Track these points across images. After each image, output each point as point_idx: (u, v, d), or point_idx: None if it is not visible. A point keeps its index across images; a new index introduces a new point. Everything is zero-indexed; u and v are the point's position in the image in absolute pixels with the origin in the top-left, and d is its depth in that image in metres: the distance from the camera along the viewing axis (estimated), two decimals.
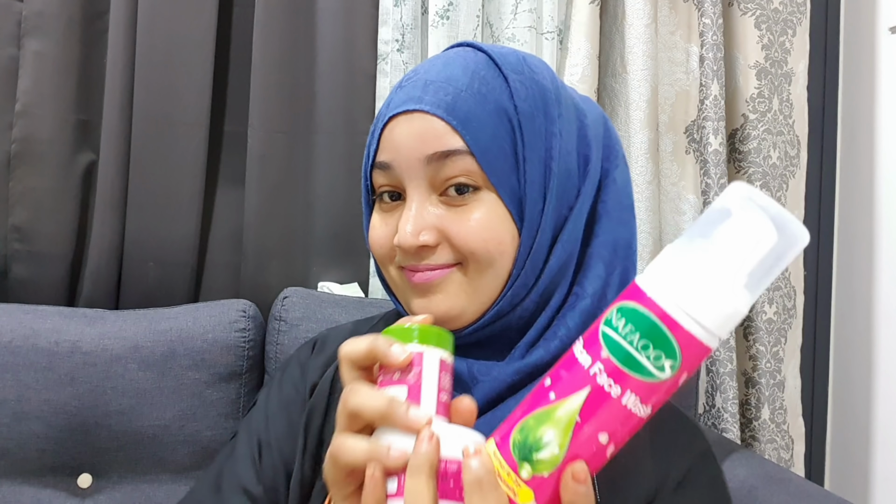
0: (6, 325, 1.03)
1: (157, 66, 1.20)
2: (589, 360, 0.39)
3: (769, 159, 1.33)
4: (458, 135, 0.55)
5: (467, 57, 0.59)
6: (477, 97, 0.57)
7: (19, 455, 1.01)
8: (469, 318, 0.58)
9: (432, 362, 0.45)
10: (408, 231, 0.55)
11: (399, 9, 1.24)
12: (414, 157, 0.56)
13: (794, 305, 1.35)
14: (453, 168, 0.55)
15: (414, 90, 0.58)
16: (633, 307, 0.39)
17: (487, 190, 0.56)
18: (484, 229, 0.56)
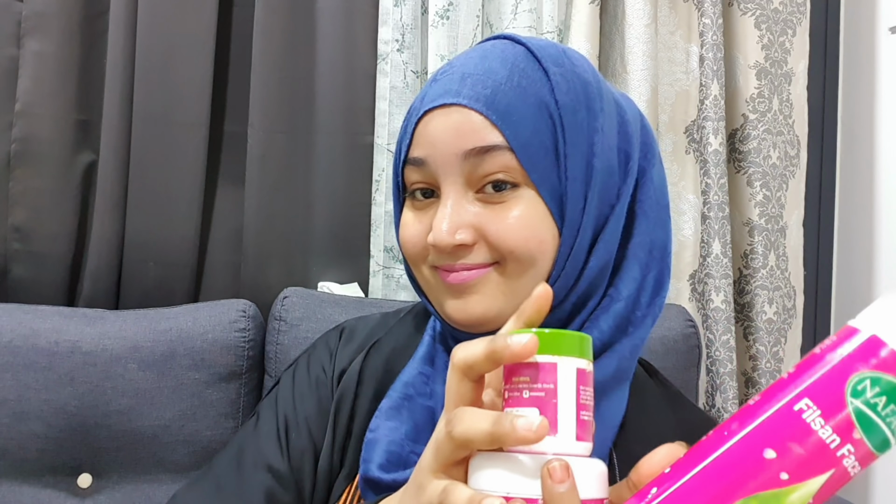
0: (6, 325, 1.03)
1: (157, 66, 1.20)
2: (836, 439, 0.34)
3: (769, 159, 1.33)
4: (497, 130, 0.53)
5: (506, 49, 0.57)
6: (517, 90, 0.54)
7: (19, 455, 1.01)
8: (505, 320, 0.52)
9: (568, 374, 0.38)
10: (444, 229, 0.53)
11: (399, 9, 1.24)
12: (450, 153, 0.54)
13: (794, 305, 1.35)
14: (492, 164, 0.53)
15: (451, 83, 0.55)
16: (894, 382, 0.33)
17: (527, 187, 0.54)
18: (524, 227, 0.53)
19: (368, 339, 0.68)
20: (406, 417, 0.58)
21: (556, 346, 0.39)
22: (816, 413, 0.34)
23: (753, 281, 1.33)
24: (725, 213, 1.29)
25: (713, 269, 1.27)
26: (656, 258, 0.58)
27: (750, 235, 1.33)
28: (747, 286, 1.34)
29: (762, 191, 1.33)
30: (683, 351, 1.15)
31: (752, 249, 1.33)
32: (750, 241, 1.33)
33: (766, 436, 0.35)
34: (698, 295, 1.32)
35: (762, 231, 1.32)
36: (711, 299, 1.27)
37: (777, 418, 0.35)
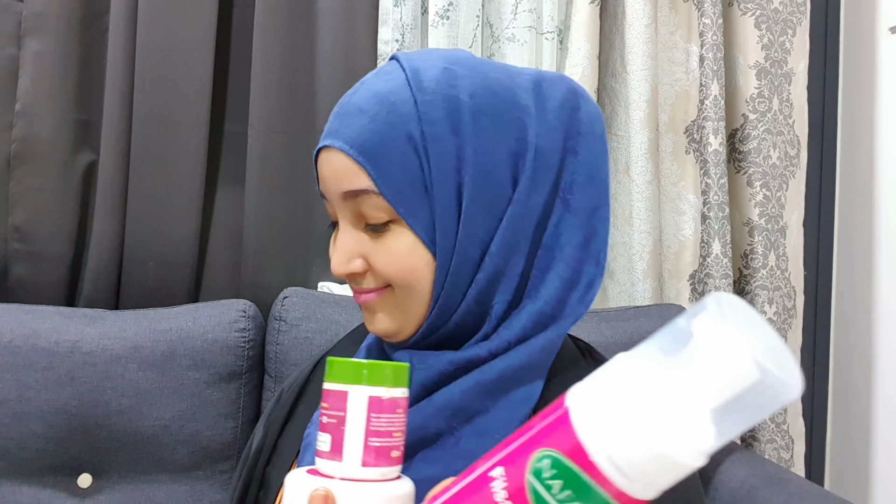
0: (6, 325, 1.03)
1: (157, 66, 1.19)
2: None
3: (769, 159, 1.33)
4: (364, 173, 0.56)
5: (387, 78, 0.59)
6: (385, 127, 0.56)
7: (19, 455, 1.01)
8: (408, 333, 0.60)
9: (358, 403, 0.42)
10: (336, 260, 0.59)
11: (399, 9, 1.24)
12: (335, 193, 0.58)
13: (794, 305, 1.35)
14: (365, 205, 0.57)
15: (333, 122, 0.60)
16: (569, 467, 0.32)
17: (399, 222, 0.57)
18: (397, 261, 0.57)
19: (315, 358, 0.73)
20: None
21: (348, 376, 0.42)
22: (503, 485, 0.33)
23: (753, 281, 1.33)
24: (725, 213, 1.29)
25: (713, 269, 1.27)
26: (588, 259, 0.59)
27: (750, 235, 1.33)
28: (747, 286, 1.34)
29: (762, 191, 1.33)
30: None
31: (752, 249, 1.33)
32: (750, 241, 1.33)
33: (463, 497, 0.35)
34: (698, 295, 1.32)
35: (762, 231, 1.32)
36: None
37: (476, 482, 0.35)
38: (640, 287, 1.28)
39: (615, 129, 1.34)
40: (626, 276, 1.30)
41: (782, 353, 0.30)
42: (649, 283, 1.28)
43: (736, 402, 0.30)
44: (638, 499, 0.32)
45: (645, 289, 1.28)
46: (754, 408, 0.30)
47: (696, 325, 0.31)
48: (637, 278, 1.28)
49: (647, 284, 1.28)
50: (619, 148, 1.32)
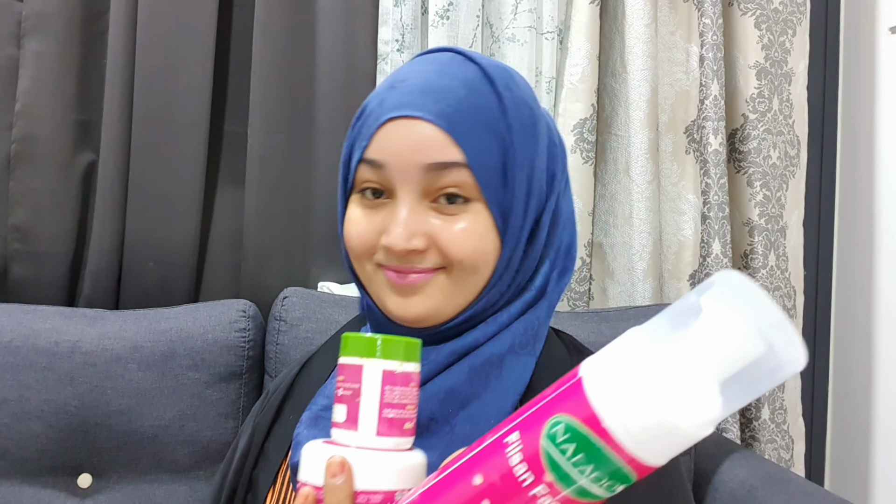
0: (6, 325, 1.03)
1: (157, 66, 1.19)
2: (530, 477, 0.34)
3: (769, 159, 1.33)
4: (457, 147, 0.57)
5: (461, 66, 0.61)
6: (475, 111, 0.58)
7: (19, 455, 1.01)
8: (442, 318, 0.60)
9: (373, 376, 0.43)
10: (399, 234, 0.56)
11: (399, 9, 1.24)
12: (411, 163, 0.57)
13: (794, 305, 1.35)
14: (449, 179, 0.57)
15: (412, 95, 0.58)
16: (583, 432, 0.33)
17: (477, 202, 0.58)
18: (473, 239, 0.58)
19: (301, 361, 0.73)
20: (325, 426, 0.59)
21: (363, 350, 0.44)
22: (518, 448, 0.35)
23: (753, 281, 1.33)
24: (725, 213, 1.29)
25: (713, 270, 1.27)
26: (562, 256, 0.65)
27: (750, 235, 1.33)
28: None
29: (762, 191, 1.33)
30: None
31: (752, 249, 1.33)
32: (750, 241, 1.33)
33: (480, 460, 0.36)
34: None
35: (762, 231, 1.32)
36: None
37: (492, 444, 0.36)
38: (640, 287, 1.28)
39: (615, 129, 1.34)
40: (626, 276, 1.30)
41: (787, 328, 0.32)
42: (649, 284, 1.28)
43: (742, 375, 0.32)
44: (648, 464, 0.33)
45: (645, 289, 1.28)
46: (760, 380, 0.32)
47: (705, 301, 0.32)
48: (637, 278, 1.28)
49: (647, 284, 1.28)
50: (619, 148, 1.32)
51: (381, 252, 0.59)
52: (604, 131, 1.35)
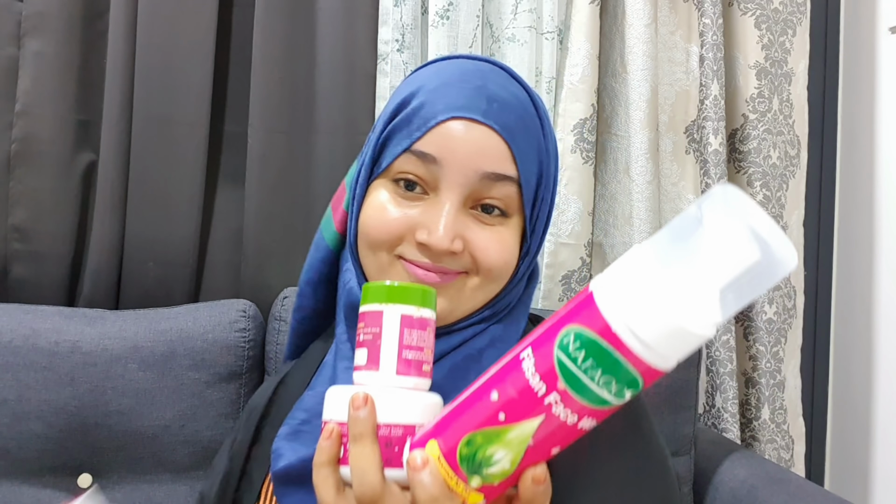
0: (6, 325, 1.03)
1: (157, 66, 1.19)
2: (543, 387, 0.37)
3: (769, 159, 1.33)
4: (513, 163, 0.57)
5: (511, 83, 0.61)
6: (529, 130, 0.59)
7: (19, 455, 1.01)
8: (450, 321, 0.61)
9: (392, 320, 0.46)
10: (444, 235, 0.56)
11: (399, 9, 1.24)
12: (470, 168, 0.57)
13: (794, 305, 1.35)
14: (498, 191, 0.58)
15: (477, 99, 0.58)
16: (593, 339, 0.35)
17: (513, 217, 0.59)
18: (505, 251, 0.59)
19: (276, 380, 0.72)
20: (308, 441, 0.60)
21: (383, 297, 0.46)
22: (531, 361, 0.38)
23: None
24: None
25: None
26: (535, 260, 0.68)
27: None
28: None
29: (762, 191, 1.33)
30: None
31: None
32: None
33: (496, 379, 0.39)
34: None
35: None
36: None
37: (508, 363, 0.39)
38: None
39: (615, 129, 1.34)
40: None
41: (779, 235, 0.34)
42: None
43: (741, 279, 0.34)
44: (656, 368, 0.35)
45: None
46: (757, 283, 0.34)
47: (705, 213, 0.34)
48: None
49: None
50: (619, 148, 1.32)
51: (410, 246, 0.58)
52: (604, 131, 1.35)
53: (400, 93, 0.63)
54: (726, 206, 0.34)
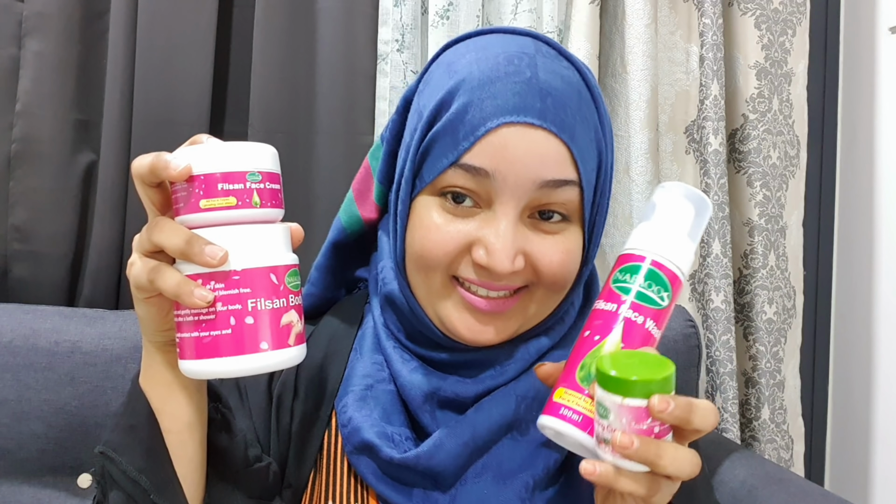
0: (6, 325, 1.03)
1: (157, 66, 1.19)
2: (614, 306, 0.48)
3: (769, 159, 1.33)
4: (574, 165, 0.52)
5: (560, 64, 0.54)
6: (587, 122, 0.53)
7: (19, 455, 1.01)
8: (507, 337, 0.58)
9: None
10: (505, 257, 0.51)
11: (399, 9, 1.24)
12: (527, 177, 0.51)
13: (794, 305, 1.35)
14: (559, 197, 0.52)
15: (530, 97, 0.51)
16: (633, 264, 0.49)
17: (575, 221, 0.55)
18: (571, 261, 0.55)
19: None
20: (373, 405, 0.60)
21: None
22: (601, 302, 0.49)
23: (753, 281, 1.33)
24: (725, 213, 1.29)
25: (713, 269, 1.27)
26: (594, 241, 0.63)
27: (750, 235, 1.33)
28: (747, 286, 1.34)
29: (762, 191, 1.33)
30: (683, 351, 1.15)
31: (752, 249, 1.33)
32: (750, 241, 1.33)
33: (587, 325, 0.49)
34: (698, 295, 1.32)
35: (762, 231, 1.32)
36: (711, 299, 1.27)
37: (591, 315, 0.50)
38: None
39: (615, 129, 1.34)
40: None
41: (700, 195, 0.51)
42: None
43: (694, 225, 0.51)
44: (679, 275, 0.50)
45: None
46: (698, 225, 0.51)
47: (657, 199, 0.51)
48: None
49: None
50: (619, 148, 1.32)
51: (467, 266, 0.54)
52: None
53: (437, 84, 0.55)
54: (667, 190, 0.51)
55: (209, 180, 0.46)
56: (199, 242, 0.45)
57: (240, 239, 0.46)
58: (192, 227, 0.47)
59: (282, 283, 0.47)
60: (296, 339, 0.48)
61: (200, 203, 0.46)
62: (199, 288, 0.45)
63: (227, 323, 0.45)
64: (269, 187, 0.48)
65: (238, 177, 0.47)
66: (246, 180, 0.47)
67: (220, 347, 0.45)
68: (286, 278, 0.48)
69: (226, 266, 0.45)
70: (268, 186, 0.48)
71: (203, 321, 0.45)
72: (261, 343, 0.46)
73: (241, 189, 0.46)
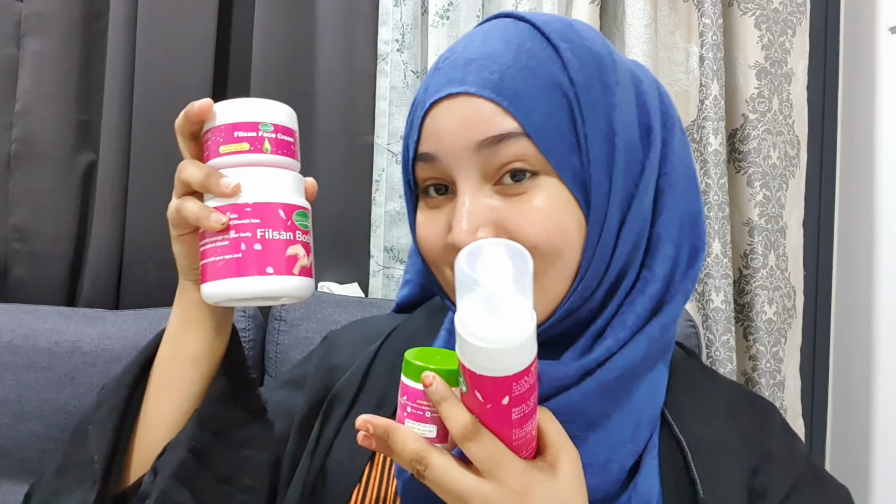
0: (6, 325, 1.03)
1: (157, 66, 1.19)
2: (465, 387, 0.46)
3: (769, 159, 1.33)
4: (509, 115, 0.50)
5: (508, 28, 0.53)
6: (525, 72, 0.51)
7: (19, 455, 1.01)
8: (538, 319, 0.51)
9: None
10: (463, 228, 0.50)
11: (399, 9, 1.24)
12: (462, 146, 0.51)
13: (794, 305, 1.35)
14: (507, 153, 0.50)
15: (454, 71, 0.52)
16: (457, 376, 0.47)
17: (547, 174, 0.51)
18: (546, 218, 0.50)
19: (368, 342, 0.67)
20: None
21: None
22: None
23: (753, 281, 1.32)
24: (725, 213, 1.29)
25: (713, 269, 1.27)
26: (687, 232, 0.56)
27: (750, 235, 1.33)
28: (747, 286, 1.34)
29: (762, 191, 1.33)
30: None
31: (752, 249, 1.33)
32: (750, 241, 1.33)
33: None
34: (698, 295, 1.32)
35: (762, 231, 1.32)
36: (711, 299, 1.27)
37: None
38: None
39: None
40: None
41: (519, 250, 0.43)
42: None
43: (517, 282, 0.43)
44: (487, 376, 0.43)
45: None
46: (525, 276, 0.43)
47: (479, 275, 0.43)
48: None
49: None
50: None
51: (452, 252, 0.51)
52: None
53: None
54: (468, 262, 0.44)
55: (227, 129, 0.54)
56: (216, 175, 0.52)
57: (253, 177, 0.53)
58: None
59: (289, 219, 0.55)
60: (301, 271, 0.55)
61: (220, 149, 0.54)
62: (214, 212, 0.52)
63: (238, 248, 0.52)
64: (281, 138, 0.55)
65: (251, 126, 0.54)
66: (258, 129, 0.54)
67: (230, 269, 0.52)
68: (294, 216, 0.56)
69: (240, 199, 0.52)
70: (280, 137, 0.55)
71: (219, 247, 0.52)
72: (267, 268, 0.52)
73: (254, 136, 0.54)
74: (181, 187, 0.54)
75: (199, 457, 0.55)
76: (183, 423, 0.58)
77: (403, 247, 1.27)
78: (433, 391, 0.46)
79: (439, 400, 0.46)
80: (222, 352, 0.61)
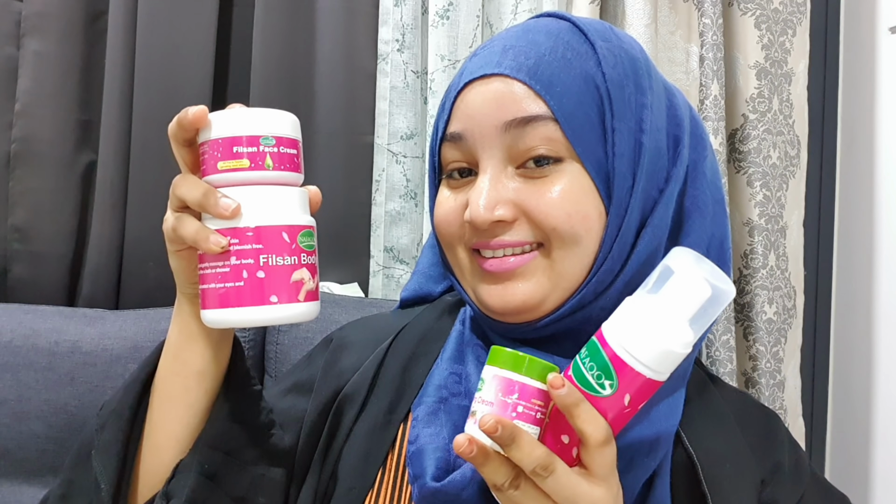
0: (6, 325, 1.03)
1: (157, 66, 1.19)
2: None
3: (769, 159, 1.33)
4: (540, 99, 0.51)
5: (550, 24, 0.55)
6: (562, 62, 0.52)
7: (19, 455, 1.01)
8: (549, 307, 0.53)
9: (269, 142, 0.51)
10: (481, 204, 0.51)
11: (399, 9, 1.24)
12: (490, 125, 0.52)
13: (794, 305, 1.35)
14: (534, 136, 0.51)
15: (491, 55, 0.53)
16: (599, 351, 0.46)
17: (571, 161, 0.51)
18: (567, 202, 0.51)
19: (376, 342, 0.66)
20: (444, 421, 0.57)
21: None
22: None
23: (753, 281, 1.32)
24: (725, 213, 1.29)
25: None
26: (714, 257, 0.56)
27: (750, 235, 1.33)
28: (747, 286, 1.34)
29: (762, 191, 1.33)
30: None
31: (752, 249, 1.33)
32: (750, 241, 1.33)
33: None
34: None
35: (762, 231, 1.32)
36: None
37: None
38: None
39: None
40: None
41: (721, 274, 0.46)
42: None
43: (701, 310, 0.46)
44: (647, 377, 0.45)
45: None
46: (712, 311, 0.46)
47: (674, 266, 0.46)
48: None
49: None
50: None
51: (467, 231, 0.54)
52: None
53: None
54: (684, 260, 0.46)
55: (226, 143, 0.50)
56: (214, 195, 0.48)
57: (254, 198, 0.49)
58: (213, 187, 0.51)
59: (294, 242, 0.52)
60: (306, 296, 0.54)
61: (218, 164, 0.50)
62: (214, 234, 0.48)
63: (240, 276, 0.49)
64: (284, 152, 0.51)
65: (252, 140, 0.50)
66: (259, 144, 0.50)
67: (233, 298, 0.49)
68: (299, 238, 0.53)
69: (241, 223, 0.49)
70: (282, 151, 0.51)
71: (220, 273, 0.49)
72: (270, 296, 0.50)
73: (255, 152, 0.49)
74: (177, 202, 0.51)
75: (212, 479, 0.54)
76: (190, 441, 0.56)
77: (403, 247, 1.27)
78: (566, 394, 0.45)
79: (575, 402, 0.45)
80: (226, 363, 0.59)
